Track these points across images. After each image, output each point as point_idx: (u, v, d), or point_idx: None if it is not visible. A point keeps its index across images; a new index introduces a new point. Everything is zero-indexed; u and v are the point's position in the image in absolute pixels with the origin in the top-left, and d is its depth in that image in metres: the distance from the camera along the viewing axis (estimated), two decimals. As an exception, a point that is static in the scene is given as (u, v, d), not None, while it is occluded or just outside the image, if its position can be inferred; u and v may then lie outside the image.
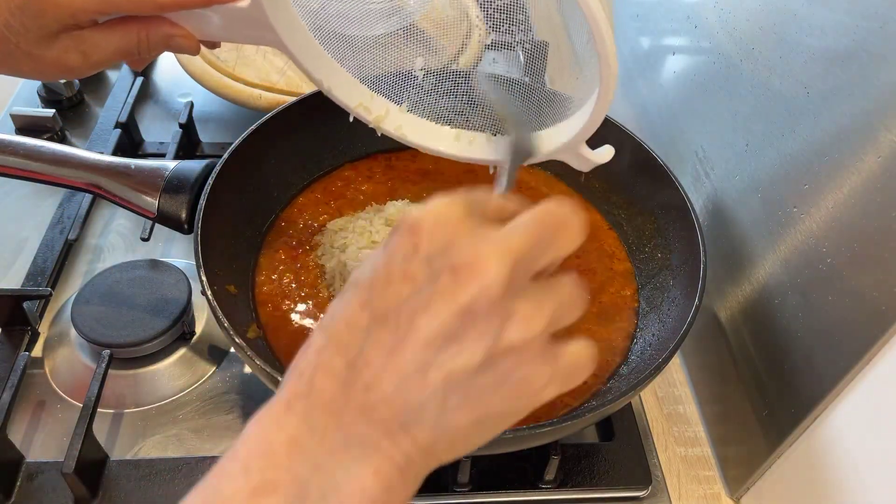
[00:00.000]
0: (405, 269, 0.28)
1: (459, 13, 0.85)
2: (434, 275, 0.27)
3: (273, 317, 0.56)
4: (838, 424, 0.46)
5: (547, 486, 0.55)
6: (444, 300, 0.27)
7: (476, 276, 0.27)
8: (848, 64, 0.45)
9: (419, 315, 0.27)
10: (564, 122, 0.47)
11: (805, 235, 0.49)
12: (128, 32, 0.44)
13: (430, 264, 0.28)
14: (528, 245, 0.29)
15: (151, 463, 0.55)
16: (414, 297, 0.28)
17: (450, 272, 0.27)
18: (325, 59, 0.49)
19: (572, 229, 0.31)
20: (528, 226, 0.29)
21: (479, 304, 0.27)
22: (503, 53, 0.97)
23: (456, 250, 0.28)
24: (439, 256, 0.28)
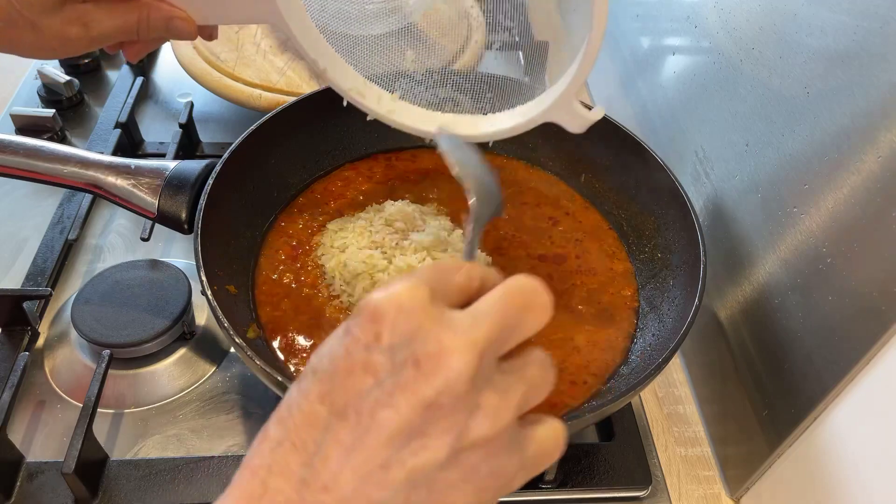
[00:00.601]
0: (366, 359, 0.27)
1: (459, 13, 0.85)
2: (397, 367, 0.26)
3: (273, 317, 0.56)
4: (838, 424, 0.46)
5: (547, 486, 0.55)
6: (407, 394, 0.26)
7: (440, 369, 0.26)
8: (848, 64, 0.45)
9: (381, 409, 0.26)
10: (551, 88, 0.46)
11: (805, 235, 0.49)
12: (129, 10, 0.44)
13: (392, 355, 0.26)
14: (494, 333, 0.28)
15: (151, 463, 0.55)
16: (375, 390, 0.26)
17: (413, 365, 0.26)
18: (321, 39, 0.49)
19: (539, 309, 0.30)
20: (494, 311, 0.28)
21: (442, 399, 0.26)
22: (503, 53, 0.97)
23: (420, 341, 0.26)
24: (402, 347, 0.26)
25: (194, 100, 0.84)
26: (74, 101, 0.89)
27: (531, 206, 0.67)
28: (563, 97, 0.45)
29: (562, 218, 0.66)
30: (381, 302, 0.27)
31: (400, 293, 0.27)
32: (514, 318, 0.29)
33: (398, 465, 0.26)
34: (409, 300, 0.27)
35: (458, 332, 0.27)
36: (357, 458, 0.26)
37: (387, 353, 0.26)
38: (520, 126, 0.49)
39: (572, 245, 0.64)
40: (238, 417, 0.60)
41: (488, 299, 0.29)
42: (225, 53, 0.82)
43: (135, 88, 0.86)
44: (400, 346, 0.26)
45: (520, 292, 0.29)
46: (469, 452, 0.27)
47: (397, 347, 0.26)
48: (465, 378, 0.26)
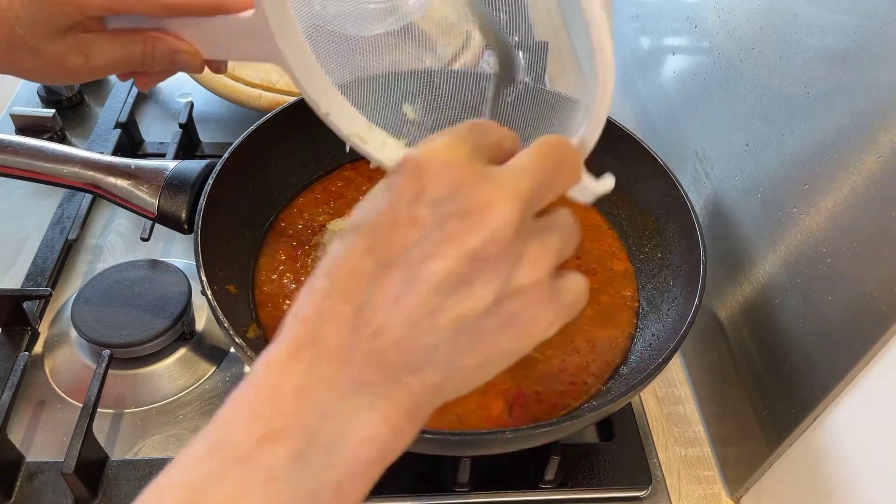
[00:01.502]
0: (411, 213, 0.27)
1: (458, 14, 0.85)
2: (442, 219, 0.27)
3: (273, 317, 0.56)
4: (838, 424, 0.46)
5: (547, 486, 0.55)
6: (454, 245, 0.27)
7: (486, 220, 0.27)
8: (848, 64, 0.45)
9: (428, 260, 0.27)
10: None
11: (805, 235, 0.49)
12: (133, 42, 0.44)
13: (437, 208, 0.27)
14: (535, 185, 0.29)
15: (151, 463, 0.55)
16: (422, 242, 0.27)
17: (459, 216, 0.27)
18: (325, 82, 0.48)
19: (571, 164, 0.31)
20: (533, 166, 0.29)
21: (489, 249, 0.27)
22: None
23: (464, 194, 0.27)
24: (447, 200, 0.27)
25: (194, 100, 0.84)
26: (74, 101, 0.89)
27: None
28: None
29: (562, 218, 0.66)
30: (423, 157, 0.28)
31: (442, 148, 0.28)
32: (550, 173, 0.30)
33: (445, 312, 0.27)
34: (451, 155, 0.28)
35: (502, 185, 0.27)
36: (405, 306, 0.27)
37: (432, 207, 0.27)
38: None
39: (572, 245, 0.63)
40: (238, 417, 0.60)
41: (527, 155, 0.30)
42: (225, 53, 0.82)
43: (135, 88, 0.86)
44: (444, 200, 0.27)
45: (553, 150, 0.30)
46: (512, 300, 0.28)
47: (442, 201, 0.27)
48: (510, 228, 0.27)
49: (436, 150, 0.28)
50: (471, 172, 0.28)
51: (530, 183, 0.28)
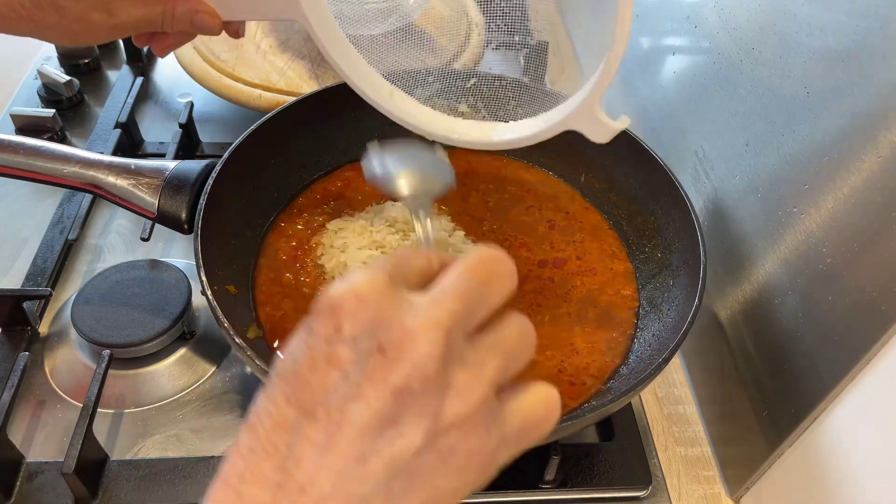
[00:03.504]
0: (329, 354, 0.26)
1: (458, 13, 0.85)
2: (362, 357, 0.25)
3: (273, 317, 0.56)
4: (838, 424, 0.46)
5: (547, 486, 0.55)
6: (376, 383, 0.25)
7: (407, 353, 0.25)
8: (848, 64, 0.45)
9: (350, 402, 0.25)
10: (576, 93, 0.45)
11: (805, 235, 0.49)
12: (154, 0, 0.44)
13: (355, 346, 0.26)
14: (458, 307, 0.27)
15: (151, 463, 0.55)
16: (342, 384, 0.25)
17: (378, 352, 0.25)
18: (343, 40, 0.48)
19: (504, 275, 0.29)
20: (455, 285, 0.27)
21: (413, 383, 0.25)
22: (503, 53, 0.97)
23: (383, 328, 0.26)
24: (365, 336, 0.26)
25: (194, 100, 0.84)
26: (74, 101, 0.89)
27: (531, 207, 0.67)
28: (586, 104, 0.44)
29: (562, 218, 0.66)
30: (338, 294, 0.26)
31: (357, 282, 0.26)
32: (478, 290, 0.28)
33: (375, 457, 0.25)
34: (367, 288, 0.26)
35: (421, 314, 0.26)
36: (331, 456, 0.25)
37: (350, 345, 0.26)
38: (541, 133, 0.48)
39: (572, 246, 0.64)
40: (238, 417, 0.60)
41: (448, 277, 0.28)
42: (225, 53, 0.82)
43: (135, 88, 0.86)
44: (363, 336, 0.26)
45: (480, 264, 0.29)
46: (445, 434, 0.26)
47: (360, 337, 0.26)
48: (433, 359, 0.25)
49: (352, 285, 0.26)
50: (388, 305, 0.26)
51: (453, 305, 0.27)
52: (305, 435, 0.26)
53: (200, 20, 0.46)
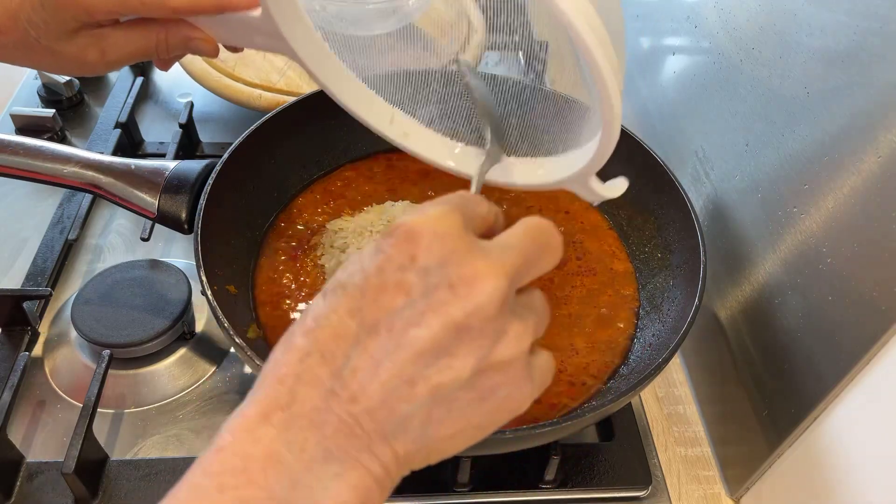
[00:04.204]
0: (400, 278, 0.27)
1: (458, 13, 0.85)
2: (430, 288, 0.27)
3: (273, 317, 0.56)
4: (838, 424, 0.46)
5: (547, 486, 0.55)
6: (439, 314, 0.27)
7: (473, 292, 0.27)
8: (848, 64, 0.45)
9: (412, 327, 0.27)
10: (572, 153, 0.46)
11: (805, 235, 0.49)
12: (147, 33, 0.45)
13: (426, 276, 0.27)
14: (521, 263, 0.29)
15: (151, 463, 0.55)
16: (407, 308, 0.27)
17: (446, 287, 0.27)
18: (340, 71, 0.48)
19: (556, 248, 0.32)
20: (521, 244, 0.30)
21: (473, 321, 0.27)
22: (503, 54, 0.97)
23: (453, 265, 0.27)
24: (436, 270, 0.27)
25: (194, 100, 0.84)
26: (74, 101, 0.89)
27: (531, 207, 0.67)
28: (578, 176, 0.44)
29: (562, 218, 0.66)
30: (416, 224, 0.28)
31: (434, 216, 0.28)
32: (535, 253, 0.30)
33: (423, 381, 0.27)
34: (444, 224, 0.28)
35: (490, 260, 0.28)
36: (385, 372, 0.27)
37: (420, 274, 0.27)
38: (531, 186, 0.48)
39: (572, 246, 0.63)
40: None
41: (514, 232, 0.30)
42: (225, 53, 0.82)
43: (135, 88, 0.86)
44: (434, 269, 0.27)
45: (540, 231, 0.31)
46: (490, 374, 0.28)
47: (431, 269, 0.27)
48: (495, 303, 0.27)
49: (428, 219, 0.28)
50: (461, 244, 0.28)
51: (517, 260, 0.29)
52: (364, 348, 0.27)
53: (196, 46, 0.46)
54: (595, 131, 0.40)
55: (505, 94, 0.49)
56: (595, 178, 0.44)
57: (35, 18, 0.41)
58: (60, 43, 0.43)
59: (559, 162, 0.46)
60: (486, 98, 0.44)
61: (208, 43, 0.46)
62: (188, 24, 0.45)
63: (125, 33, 0.44)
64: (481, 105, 0.43)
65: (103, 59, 0.45)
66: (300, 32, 0.45)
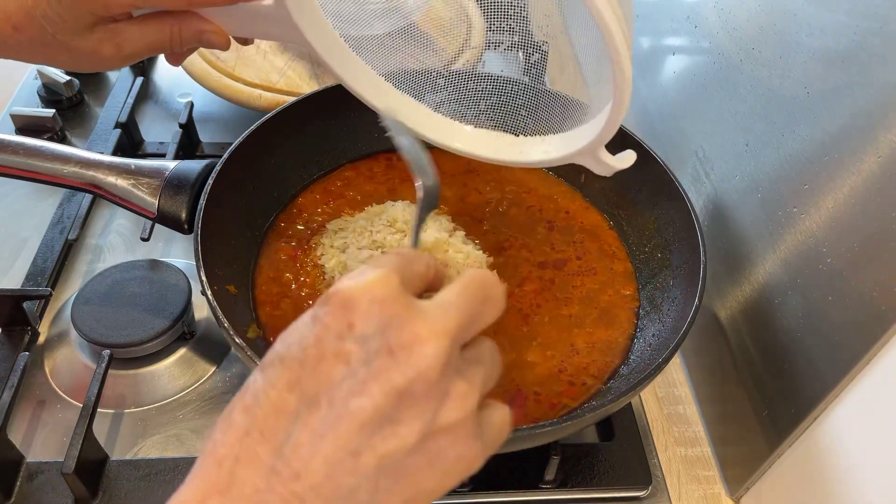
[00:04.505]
0: (338, 347, 0.27)
1: (458, 13, 0.85)
2: (370, 355, 0.26)
3: (273, 317, 0.56)
4: (838, 424, 0.46)
5: (547, 486, 0.55)
6: (380, 382, 0.26)
7: (414, 357, 0.26)
8: (848, 64, 0.45)
9: (354, 397, 0.26)
10: (582, 126, 0.46)
11: (805, 235, 0.49)
12: (161, 27, 0.45)
13: (365, 344, 0.26)
14: (462, 320, 0.28)
15: (151, 463, 0.55)
16: (348, 378, 0.26)
17: (387, 353, 0.26)
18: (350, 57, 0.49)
19: (496, 299, 0.31)
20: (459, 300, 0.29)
21: (416, 387, 0.26)
22: (503, 54, 0.97)
23: (394, 330, 0.27)
24: (376, 336, 0.27)
25: (194, 100, 0.84)
26: (74, 101, 0.89)
27: (531, 207, 0.67)
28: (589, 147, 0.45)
29: (562, 218, 0.66)
30: (352, 290, 0.27)
31: (372, 282, 0.27)
32: (476, 308, 0.30)
33: (369, 452, 0.26)
34: (381, 289, 0.27)
35: (430, 322, 0.27)
36: (328, 446, 0.26)
37: (359, 342, 0.27)
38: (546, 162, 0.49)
39: (572, 246, 0.64)
40: (238, 417, 0.60)
41: (454, 290, 0.30)
42: (225, 53, 0.82)
43: (135, 88, 0.86)
44: (372, 336, 0.27)
45: (480, 285, 0.30)
46: (437, 438, 0.27)
47: (370, 336, 0.27)
48: (437, 366, 0.27)
49: (365, 284, 0.27)
50: (399, 308, 0.27)
51: (458, 318, 0.28)
52: (305, 422, 0.26)
53: (208, 39, 0.46)
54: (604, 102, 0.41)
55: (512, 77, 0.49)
56: (604, 150, 0.44)
57: (51, 14, 0.42)
58: (76, 39, 0.43)
59: (570, 136, 0.47)
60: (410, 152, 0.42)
61: (220, 35, 0.46)
62: (200, 17, 0.45)
63: (140, 27, 0.44)
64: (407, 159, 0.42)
65: (119, 53, 0.45)
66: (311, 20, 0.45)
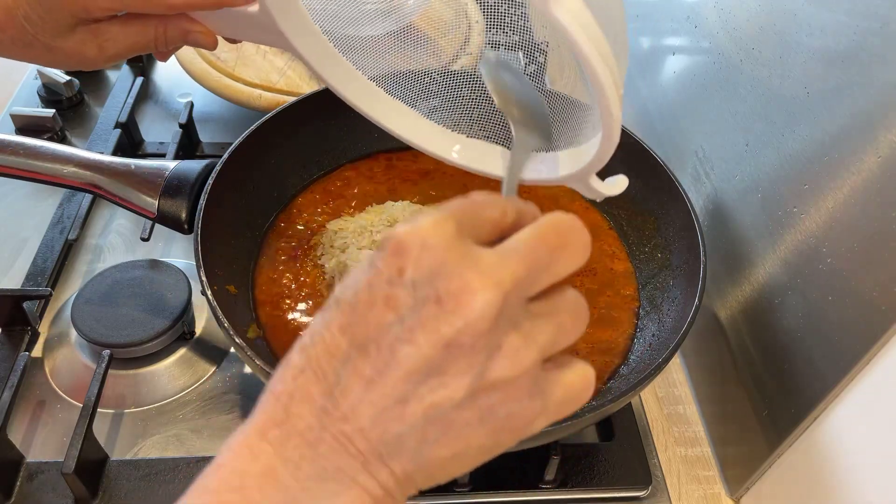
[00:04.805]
0: (388, 293, 0.26)
1: (457, 14, 0.85)
2: (419, 303, 0.26)
3: (273, 317, 0.56)
4: (838, 424, 0.46)
5: (547, 486, 0.55)
6: (427, 331, 0.26)
7: (462, 308, 0.25)
8: (848, 64, 0.45)
9: (401, 345, 0.26)
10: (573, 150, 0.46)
11: (805, 235, 0.49)
12: (145, 27, 0.45)
13: (415, 291, 0.26)
14: (522, 271, 0.27)
15: (151, 463, 0.55)
16: (396, 325, 0.26)
17: (435, 302, 0.26)
18: (340, 63, 0.49)
19: (576, 248, 0.29)
20: (526, 248, 0.27)
21: (463, 338, 0.26)
22: (503, 53, 0.97)
23: (443, 278, 0.26)
24: (425, 283, 0.26)
25: (194, 100, 0.84)
26: (74, 101, 0.89)
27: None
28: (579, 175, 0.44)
29: (562, 218, 0.66)
30: (405, 235, 0.27)
31: (425, 227, 0.27)
32: (547, 257, 0.28)
33: (416, 401, 0.26)
34: (433, 235, 0.26)
35: (483, 271, 0.26)
36: (376, 392, 0.26)
37: (409, 289, 0.26)
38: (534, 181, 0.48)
39: (572, 245, 0.63)
40: (238, 417, 0.60)
41: (520, 236, 0.28)
42: (225, 53, 0.82)
43: (135, 88, 0.86)
44: (423, 282, 0.26)
45: (555, 230, 0.28)
46: (488, 393, 0.27)
47: (420, 283, 0.26)
48: (486, 318, 0.26)
49: (420, 229, 0.27)
50: (453, 255, 0.26)
51: (518, 267, 0.27)
52: (354, 367, 0.26)
53: (195, 39, 0.46)
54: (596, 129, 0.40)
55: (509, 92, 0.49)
56: (595, 176, 0.44)
57: (32, 15, 0.41)
58: (58, 39, 0.43)
59: (561, 159, 0.46)
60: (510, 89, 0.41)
61: (207, 36, 0.46)
62: (187, 17, 0.45)
63: (122, 28, 0.44)
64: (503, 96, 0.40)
65: (102, 54, 0.45)
66: (298, 27, 0.45)
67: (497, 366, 0.27)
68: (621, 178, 0.43)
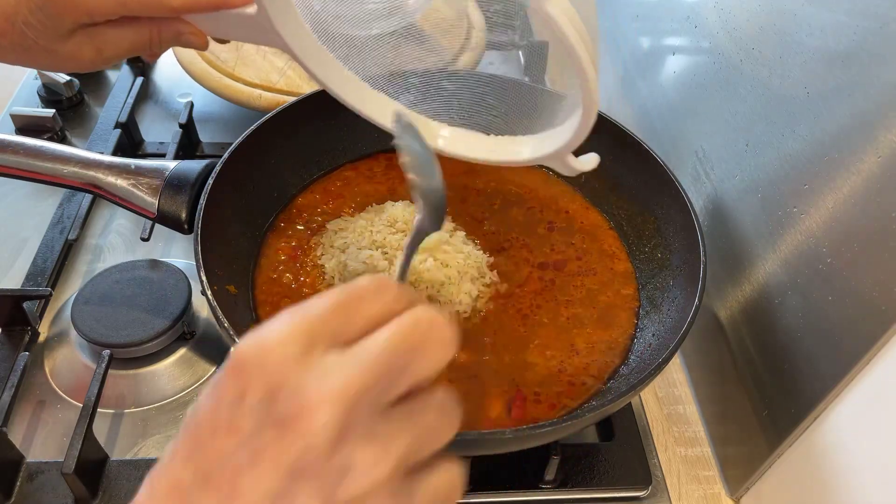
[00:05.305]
0: (230, 418, 0.24)
1: (458, 13, 0.85)
2: (259, 427, 0.24)
3: (273, 316, 0.56)
4: (838, 424, 0.46)
5: (547, 486, 0.55)
6: (270, 458, 0.24)
7: (301, 429, 0.24)
8: (848, 64, 0.45)
9: (244, 475, 0.24)
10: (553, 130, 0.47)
11: (805, 235, 0.49)
12: (140, 29, 0.45)
13: (254, 414, 0.24)
14: (371, 379, 0.25)
15: (151, 463, 0.54)
16: (239, 452, 0.24)
17: (274, 425, 0.24)
18: (334, 64, 0.49)
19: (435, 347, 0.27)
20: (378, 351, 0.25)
21: (307, 461, 0.24)
22: (503, 54, 0.97)
23: (282, 399, 0.24)
24: (265, 405, 0.24)
25: (194, 100, 0.84)
26: (74, 101, 0.89)
27: (531, 208, 0.67)
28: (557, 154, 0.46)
29: (562, 218, 0.66)
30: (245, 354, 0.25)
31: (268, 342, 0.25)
32: (402, 358, 0.26)
33: None
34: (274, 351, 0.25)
35: (325, 384, 0.24)
36: None
37: (250, 412, 0.24)
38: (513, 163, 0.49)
39: (572, 247, 0.64)
40: (238, 417, 0.60)
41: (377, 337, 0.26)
42: (225, 53, 0.82)
43: (135, 88, 0.86)
44: (262, 405, 0.24)
45: (413, 329, 0.26)
46: None
47: (260, 406, 0.24)
48: (328, 436, 0.24)
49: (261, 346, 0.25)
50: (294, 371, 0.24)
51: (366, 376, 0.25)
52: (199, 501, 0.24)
53: (187, 40, 0.47)
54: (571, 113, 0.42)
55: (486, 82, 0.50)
56: (571, 155, 0.46)
57: (32, 21, 0.42)
58: (57, 43, 0.43)
59: (538, 141, 0.48)
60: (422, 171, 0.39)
61: (198, 37, 0.47)
62: (180, 19, 0.46)
63: (119, 31, 0.45)
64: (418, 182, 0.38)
65: (100, 56, 0.45)
66: (295, 28, 0.46)
67: (351, 484, 0.25)
68: (593, 155, 0.46)
